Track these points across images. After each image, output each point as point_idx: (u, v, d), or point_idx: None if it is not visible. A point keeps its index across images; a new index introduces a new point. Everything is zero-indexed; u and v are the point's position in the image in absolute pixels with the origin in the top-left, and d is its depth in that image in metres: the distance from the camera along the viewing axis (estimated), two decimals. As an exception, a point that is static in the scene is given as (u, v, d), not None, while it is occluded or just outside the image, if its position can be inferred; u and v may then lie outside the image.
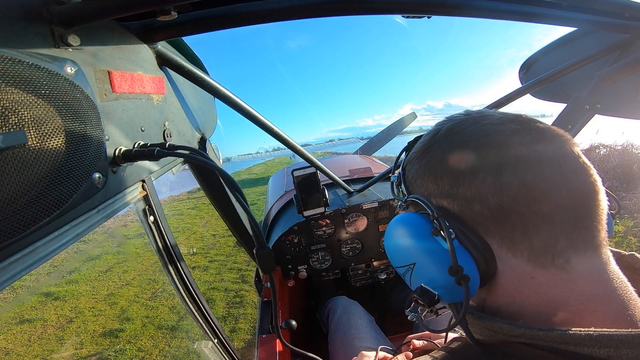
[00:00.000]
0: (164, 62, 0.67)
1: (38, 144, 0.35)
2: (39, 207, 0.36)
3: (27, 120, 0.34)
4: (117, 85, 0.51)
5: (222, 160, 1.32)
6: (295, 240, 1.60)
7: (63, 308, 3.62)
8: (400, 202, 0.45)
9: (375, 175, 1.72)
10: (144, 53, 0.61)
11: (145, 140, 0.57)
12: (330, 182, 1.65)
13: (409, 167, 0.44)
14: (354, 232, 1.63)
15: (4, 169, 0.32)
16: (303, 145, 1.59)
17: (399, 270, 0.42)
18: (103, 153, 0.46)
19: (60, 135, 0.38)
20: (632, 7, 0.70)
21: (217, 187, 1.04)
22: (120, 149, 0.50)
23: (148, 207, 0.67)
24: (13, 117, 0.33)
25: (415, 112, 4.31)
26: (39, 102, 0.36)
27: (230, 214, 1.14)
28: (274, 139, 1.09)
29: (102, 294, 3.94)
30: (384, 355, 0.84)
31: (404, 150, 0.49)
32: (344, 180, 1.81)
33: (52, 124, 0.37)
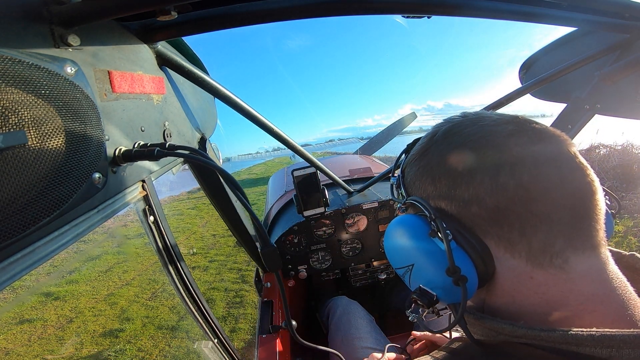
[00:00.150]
0: (164, 62, 0.67)
1: (38, 144, 0.35)
2: (39, 207, 0.36)
3: (27, 120, 0.34)
4: (117, 85, 0.51)
5: (222, 160, 1.32)
6: (295, 240, 1.60)
7: (63, 308, 3.61)
8: (400, 204, 0.45)
9: (375, 175, 1.72)
10: (144, 53, 0.61)
11: (145, 140, 0.57)
12: (330, 182, 1.65)
13: (408, 169, 0.44)
14: (354, 232, 1.63)
15: (4, 169, 0.32)
16: (303, 145, 1.59)
17: (399, 272, 0.43)
18: (103, 153, 0.46)
19: (60, 135, 0.38)
20: (632, 7, 0.70)
21: (217, 187, 1.04)
22: (120, 149, 0.50)
23: (148, 207, 0.67)
24: (13, 117, 0.33)
25: (415, 112, 4.31)
26: (39, 102, 0.36)
27: (231, 214, 1.14)
28: (274, 139, 1.09)
29: (102, 294, 3.94)
30: (395, 356, 0.83)
31: (404, 152, 0.49)
32: (344, 180, 1.81)
33: (52, 124, 0.37)
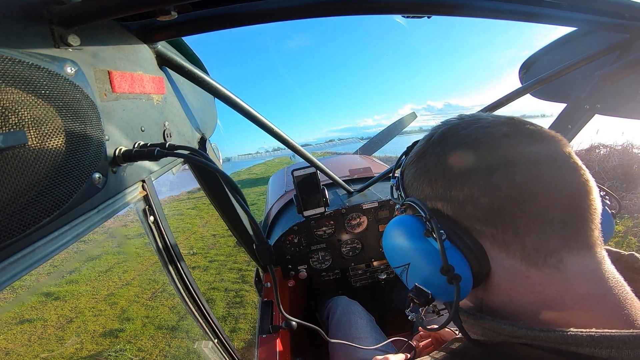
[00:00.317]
0: (164, 62, 0.67)
1: (38, 144, 0.35)
2: (39, 207, 0.36)
3: (27, 120, 0.34)
4: (117, 85, 0.51)
5: (222, 160, 1.32)
6: (296, 240, 1.60)
7: (63, 308, 3.61)
8: (398, 205, 0.46)
9: (375, 175, 1.72)
10: (144, 53, 0.61)
11: (145, 140, 0.57)
12: (330, 182, 1.65)
13: (407, 171, 0.45)
14: (354, 232, 1.63)
15: (4, 169, 0.32)
16: (303, 145, 1.59)
17: (396, 271, 0.43)
18: (103, 153, 0.46)
19: (60, 135, 0.38)
20: (632, 7, 0.70)
21: (217, 187, 1.04)
22: (120, 149, 0.50)
23: (148, 207, 0.67)
24: (13, 117, 0.33)
25: (415, 112, 4.32)
26: (39, 102, 0.36)
27: (230, 214, 1.14)
28: (274, 139, 1.09)
29: (102, 294, 3.94)
30: (405, 355, 0.82)
31: (404, 154, 0.50)
32: (344, 180, 1.81)
33: (52, 124, 0.37)
